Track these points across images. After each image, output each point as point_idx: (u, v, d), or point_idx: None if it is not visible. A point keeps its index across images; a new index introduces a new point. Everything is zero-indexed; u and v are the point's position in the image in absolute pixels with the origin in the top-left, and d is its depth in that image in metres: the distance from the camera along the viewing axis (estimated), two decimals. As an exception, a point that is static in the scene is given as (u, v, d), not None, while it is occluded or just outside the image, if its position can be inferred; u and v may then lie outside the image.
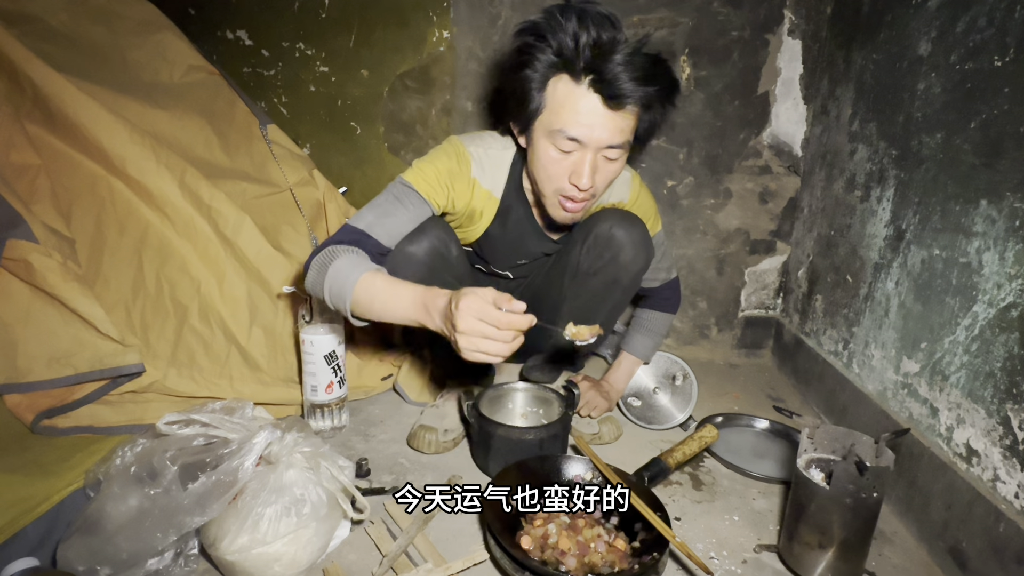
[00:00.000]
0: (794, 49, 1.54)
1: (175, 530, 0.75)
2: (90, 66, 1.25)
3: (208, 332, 1.19)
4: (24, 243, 1.01)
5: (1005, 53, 0.87)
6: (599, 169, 0.96)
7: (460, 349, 0.78)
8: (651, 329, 1.38)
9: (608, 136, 0.92)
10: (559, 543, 0.83)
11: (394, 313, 0.88)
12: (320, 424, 1.22)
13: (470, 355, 0.78)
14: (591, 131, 0.91)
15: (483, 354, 0.77)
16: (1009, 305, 0.83)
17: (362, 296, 0.89)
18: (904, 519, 1.02)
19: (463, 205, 1.09)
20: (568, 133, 0.92)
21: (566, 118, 0.92)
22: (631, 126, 0.95)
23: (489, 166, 1.09)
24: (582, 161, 0.94)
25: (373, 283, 0.89)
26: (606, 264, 1.11)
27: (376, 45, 1.65)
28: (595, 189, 0.99)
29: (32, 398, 1.07)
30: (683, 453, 1.06)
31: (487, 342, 0.77)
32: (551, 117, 0.93)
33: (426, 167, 1.04)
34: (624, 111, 0.91)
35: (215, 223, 1.24)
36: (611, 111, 0.90)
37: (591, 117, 0.91)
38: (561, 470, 0.99)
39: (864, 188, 1.27)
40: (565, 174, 0.97)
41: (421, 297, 0.85)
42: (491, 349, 0.77)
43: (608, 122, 0.91)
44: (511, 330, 0.77)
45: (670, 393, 1.37)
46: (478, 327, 0.76)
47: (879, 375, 1.17)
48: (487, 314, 0.76)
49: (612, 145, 0.93)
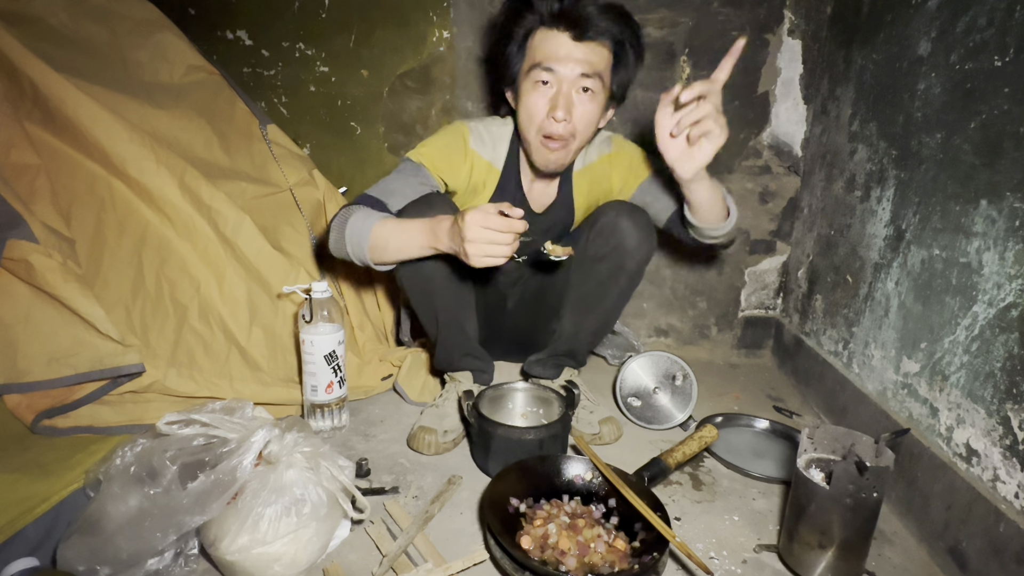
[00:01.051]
0: (794, 49, 1.54)
1: (175, 530, 0.75)
2: (90, 66, 1.25)
3: (208, 332, 1.19)
4: (24, 243, 1.01)
5: (1005, 53, 0.87)
6: (575, 104, 1.08)
7: (469, 257, 0.91)
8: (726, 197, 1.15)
9: (578, 66, 1.05)
10: (559, 543, 0.83)
11: (408, 246, 1.01)
12: (320, 424, 1.22)
13: (479, 261, 0.91)
14: (561, 62, 1.05)
15: (490, 257, 0.91)
16: (1009, 305, 0.83)
17: (378, 240, 1.02)
18: (904, 519, 1.02)
19: (464, 178, 1.19)
20: (543, 64, 1.06)
21: (541, 54, 1.06)
22: (602, 62, 1.07)
23: (489, 139, 1.21)
24: (558, 93, 1.07)
25: (385, 226, 1.02)
26: (612, 250, 1.16)
27: (376, 45, 1.65)
28: (574, 127, 1.09)
29: (32, 398, 1.07)
30: (683, 453, 1.06)
31: (492, 246, 0.90)
32: (531, 60, 1.08)
33: (426, 145, 1.18)
34: (593, 43, 1.05)
35: (215, 223, 1.24)
36: (578, 43, 1.04)
37: (562, 49, 1.05)
38: (561, 470, 0.99)
39: (864, 188, 1.27)
40: (544, 110, 1.08)
41: (429, 224, 0.98)
42: (496, 252, 0.91)
43: (577, 52, 1.05)
44: (511, 232, 0.90)
45: (670, 393, 1.37)
46: (483, 234, 0.89)
47: (879, 375, 1.17)
48: (490, 221, 0.89)
49: (584, 74, 1.05)
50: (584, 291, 1.21)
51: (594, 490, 0.97)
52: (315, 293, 1.18)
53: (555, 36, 1.05)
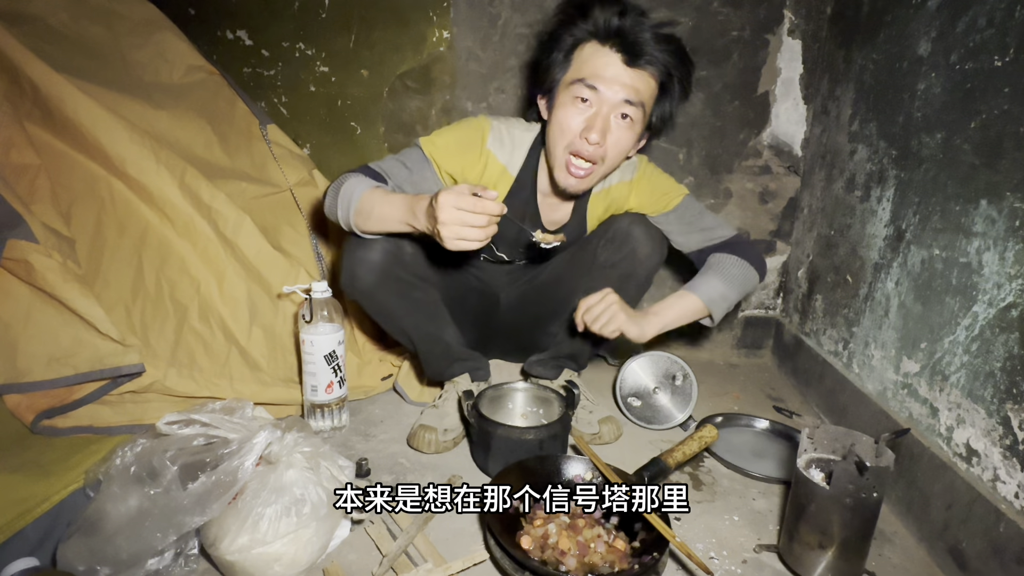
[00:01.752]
0: (794, 49, 1.54)
1: (175, 530, 0.75)
2: (90, 66, 1.25)
3: (208, 332, 1.19)
4: (24, 243, 1.01)
5: (1005, 53, 0.87)
6: (611, 129, 1.02)
7: (443, 239, 0.87)
8: (718, 270, 1.16)
9: (623, 91, 0.99)
10: (559, 543, 0.83)
11: (388, 218, 0.99)
12: (320, 424, 1.22)
13: (452, 244, 0.87)
14: (607, 83, 0.99)
15: (463, 240, 0.86)
16: (1009, 305, 0.83)
17: (364, 205, 1.00)
18: (904, 519, 1.02)
19: (474, 177, 1.15)
20: (588, 81, 1.00)
21: (588, 70, 1.00)
22: (648, 91, 1.02)
23: (508, 142, 1.15)
24: (596, 115, 1.01)
25: (373, 195, 1.00)
26: (624, 257, 1.16)
27: (376, 45, 1.65)
28: (605, 151, 1.03)
29: (32, 398, 1.07)
30: (683, 453, 1.06)
31: (466, 229, 0.85)
32: (575, 73, 1.02)
33: (442, 136, 1.14)
34: (642, 71, 0.99)
35: (215, 223, 1.24)
36: (629, 68, 0.99)
37: (610, 70, 0.99)
38: (561, 470, 0.99)
39: (864, 188, 1.27)
40: (578, 128, 1.02)
41: (409, 202, 0.95)
42: (470, 235, 0.86)
43: (625, 76, 0.99)
44: (485, 215, 0.85)
45: (670, 393, 1.37)
46: (456, 215, 0.85)
47: (879, 375, 1.17)
48: (463, 202, 0.84)
49: (627, 100, 1.00)
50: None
51: (594, 490, 0.97)
52: (315, 293, 1.18)
53: (606, 54, 0.99)
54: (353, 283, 1.11)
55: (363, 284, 1.11)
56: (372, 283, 1.11)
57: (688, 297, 1.14)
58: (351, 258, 1.10)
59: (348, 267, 1.11)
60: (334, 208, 1.06)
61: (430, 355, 1.24)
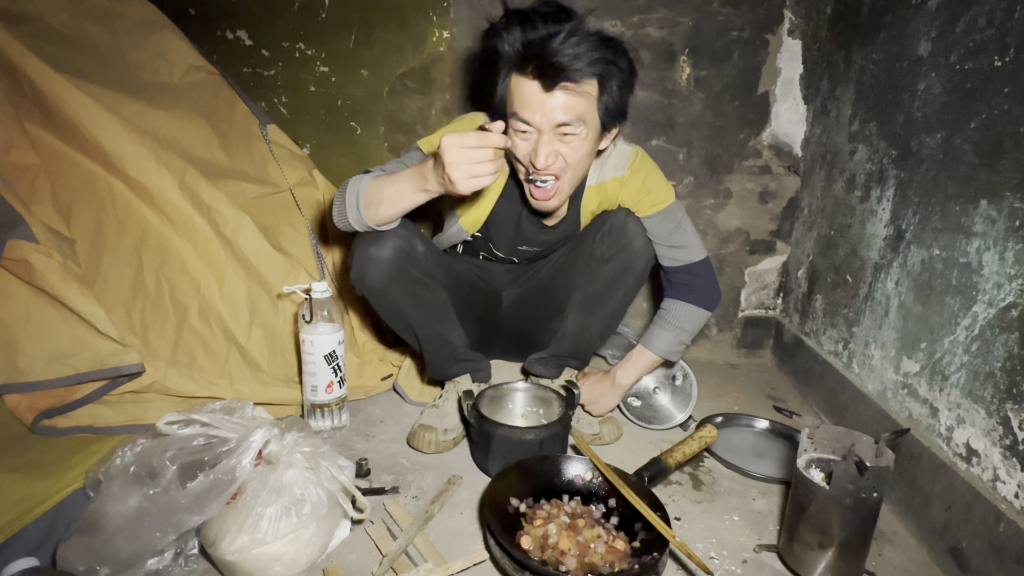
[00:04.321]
0: (794, 49, 1.54)
1: (174, 529, 0.75)
2: (90, 66, 1.25)
3: (208, 332, 1.19)
4: (24, 243, 1.01)
5: (1005, 53, 0.87)
6: (560, 148, 1.02)
7: (455, 182, 0.88)
8: (669, 320, 1.24)
9: (552, 115, 0.98)
10: (559, 543, 0.83)
11: (401, 194, 1.00)
12: (320, 424, 1.22)
13: (465, 183, 0.89)
14: (534, 113, 0.98)
15: (476, 178, 0.89)
16: (1009, 305, 0.83)
17: (372, 195, 1.01)
18: (904, 519, 1.02)
19: None
20: (519, 115, 1.00)
21: (516, 104, 1.00)
22: (582, 103, 0.98)
23: None
24: (538, 142, 1.01)
25: (378, 182, 1.02)
26: (620, 250, 1.16)
27: (376, 45, 1.65)
28: (564, 164, 1.03)
29: (32, 398, 1.07)
30: (683, 453, 1.06)
31: (475, 166, 0.88)
32: (510, 105, 1.02)
33: (438, 133, 1.14)
34: (566, 90, 0.96)
35: (215, 223, 1.24)
36: (549, 92, 0.96)
37: (532, 100, 0.98)
38: (561, 470, 0.99)
39: (864, 188, 1.27)
40: (527, 156, 1.03)
41: (417, 168, 0.97)
42: (480, 171, 0.88)
43: (548, 102, 0.97)
44: (490, 147, 0.88)
45: (670, 393, 1.37)
46: (463, 155, 0.87)
47: (879, 375, 1.17)
48: (467, 140, 0.87)
49: (562, 123, 0.98)
50: (590, 291, 1.21)
51: (594, 490, 0.97)
52: (315, 293, 1.18)
53: (526, 84, 0.97)
54: (364, 280, 1.10)
55: (374, 281, 1.10)
56: (383, 280, 1.10)
57: (646, 354, 1.26)
58: (362, 255, 1.09)
59: (359, 264, 1.10)
60: (343, 213, 1.05)
61: (434, 355, 1.24)
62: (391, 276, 1.10)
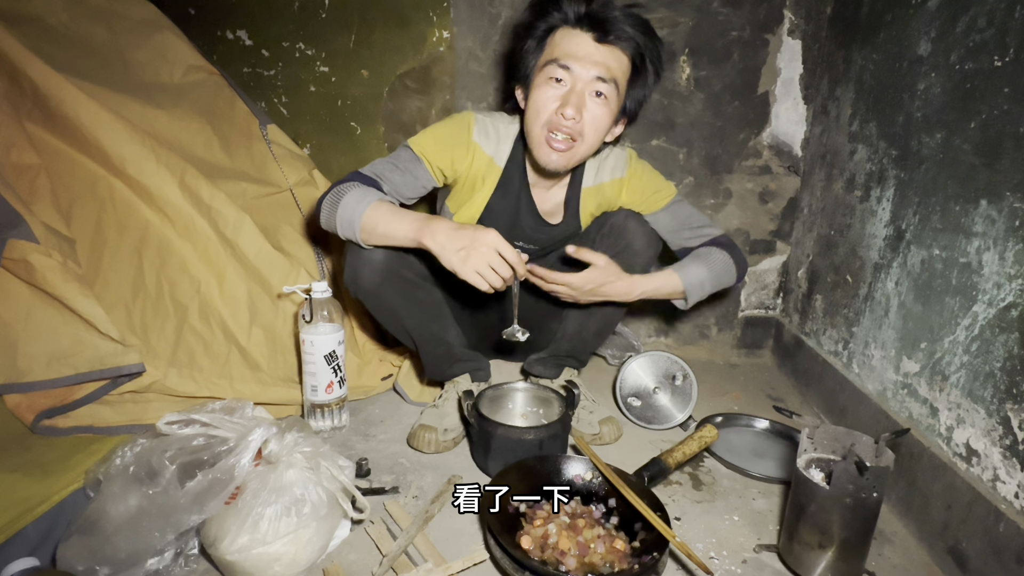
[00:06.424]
0: (794, 49, 1.54)
1: (173, 529, 0.75)
2: (90, 66, 1.25)
3: (208, 332, 1.19)
4: (24, 243, 1.01)
5: (1005, 53, 0.87)
6: (586, 106, 1.05)
7: (465, 262, 0.95)
8: (704, 258, 1.19)
9: (595, 68, 1.03)
10: (559, 543, 0.83)
11: (395, 234, 1.02)
12: (320, 424, 1.22)
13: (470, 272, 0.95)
14: (579, 61, 1.03)
15: (480, 277, 0.95)
16: (1009, 305, 0.83)
17: (368, 223, 1.03)
18: (904, 519, 1.02)
19: (463, 170, 1.17)
20: (560, 61, 1.04)
21: (560, 51, 1.04)
22: (620, 68, 1.05)
23: (493, 134, 1.18)
24: (571, 91, 1.04)
25: (378, 209, 1.03)
26: (621, 250, 1.17)
27: (376, 45, 1.65)
28: (582, 127, 1.06)
29: (32, 398, 1.06)
30: (683, 453, 1.06)
31: (491, 272, 0.95)
32: (548, 55, 1.06)
33: (428, 135, 1.16)
34: (613, 47, 1.03)
35: (215, 223, 1.24)
36: (600, 45, 1.03)
37: (581, 48, 1.03)
38: (561, 470, 0.99)
39: (864, 188, 1.27)
40: (553, 105, 1.05)
41: (423, 221, 1.00)
42: (489, 276, 0.96)
43: (596, 53, 1.03)
44: (513, 267, 0.97)
45: (670, 393, 1.37)
46: (494, 256, 0.95)
47: (879, 375, 1.17)
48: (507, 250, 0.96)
49: (600, 77, 1.03)
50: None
51: (594, 490, 0.97)
52: (315, 293, 1.18)
53: (577, 35, 1.03)
54: (357, 282, 1.12)
55: (367, 283, 1.11)
56: (376, 282, 1.11)
57: (672, 276, 1.18)
58: (355, 257, 1.10)
59: (352, 266, 1.11)
60: (332, 222, 1.06)
61: (432, 355, 1.24)
62: (384, 278, 1.10)
